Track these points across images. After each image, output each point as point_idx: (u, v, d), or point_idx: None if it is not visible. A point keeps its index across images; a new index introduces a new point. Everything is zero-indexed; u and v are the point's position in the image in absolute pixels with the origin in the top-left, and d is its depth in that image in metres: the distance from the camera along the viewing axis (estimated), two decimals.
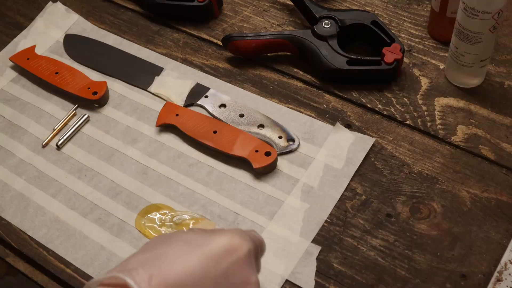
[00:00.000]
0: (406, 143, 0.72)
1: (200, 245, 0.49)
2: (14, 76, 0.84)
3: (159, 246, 0.50)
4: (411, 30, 0.83)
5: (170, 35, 0.87)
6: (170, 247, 0.49)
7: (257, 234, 0.55)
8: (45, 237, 0.68)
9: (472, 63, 0.73)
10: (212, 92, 0.79)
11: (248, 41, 0.80)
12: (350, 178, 0.69)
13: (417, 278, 0.62)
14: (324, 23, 0.79)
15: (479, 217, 0.66)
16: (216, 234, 0.51)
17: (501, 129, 0.73)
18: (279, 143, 0.73)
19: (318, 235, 0.66)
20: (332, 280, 0.63)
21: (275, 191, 0.69)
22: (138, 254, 0.50)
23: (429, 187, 0.68)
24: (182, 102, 0.78)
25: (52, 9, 0.90)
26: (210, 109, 0.77)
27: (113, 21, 0.90)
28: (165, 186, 0.71)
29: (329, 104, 0.77)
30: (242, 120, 0.75)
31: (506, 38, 0.81)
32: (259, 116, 0.76)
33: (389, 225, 0.66)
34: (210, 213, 0.68)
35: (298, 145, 0.73)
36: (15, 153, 0.76)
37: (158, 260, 0.47)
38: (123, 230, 0.68)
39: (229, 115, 0.76)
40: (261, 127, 0.75)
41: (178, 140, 0.75)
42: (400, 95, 0.77)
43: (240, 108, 0.77)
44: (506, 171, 0.69)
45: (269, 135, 0.74)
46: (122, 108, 0.79)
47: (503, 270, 0.61)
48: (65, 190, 0.72)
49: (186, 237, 0.51)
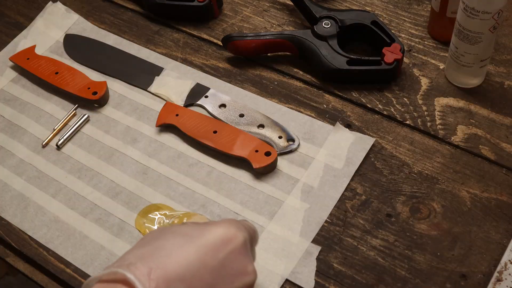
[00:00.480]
0: (406, 143, 0.72)
1: (196, 237, 0.50)
2: (14, 76, 0.84)
3: (155, 240, 0.50)
4: (411, 30, 0.83)
5: (170, 35, 0.87)
6: (166, 240, 0.49)
7: (250, 223, 0.56)
8: (45, 237, 0.68)
9: (472, 63, 0.73)
10: (212, 92, 0.79)
11: (248, 41, 0.80)
12: (350, 178, 0.69)
13: (417, 278, 0.62)
14: (324, 23, 0.79)
15: (479, 217, 0.66)
16: (212, 225, 0.51)
17: (501, 129, 0.73)
18: (279, 143, 0.73)
19: (318, 235, 0.66)
20: (332, 280, 0.63)
21: (275, 191, 0.69)
22: (135, 249, 0.50)
23: (429, 187, 0.68)
24: (182, 102, 0.78)
25: (52, 9, 0.90)
26: (210, 109, 0.77)
27: (113, 21, 0.90)
28: (165, 186, 0.71)
29: (329, 104, 0.77)
30: (242, 120, 0.75)
31: (506, 38, 0.81)
32: (259, 116, 0.76)
33: (389, 225, 0.66)
34: (210, 213, 0.68)
35: (298, 145, 0.73)
36: (15, 153, 0.76)
37: (156, 254, 0.48)
38: (123, 230, 0.68)
39: (229, 115, 0.76)
40: (261, 127, 0.75)
41: (178, 140, 0.75)
42: (400, 95, 0.77)
43: (240, 108, 0.77)
44: (506, 171, 0.69)
45: (269, 135, 0.74)
46: (122, 108, 0.79)
47: (503, 270, 0.61)
48: (65, 190, 0.72)
49: (181, 230, 0.51)
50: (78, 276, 0.65)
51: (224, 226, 0.51)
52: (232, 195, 0.70)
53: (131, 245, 0.66)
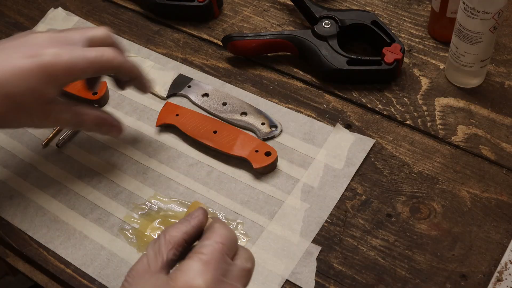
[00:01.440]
0: (406, 143, 0.72)
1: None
2: None
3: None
4: (411, 30, 0.83)
5: (170, 35, 0.87)
6: None
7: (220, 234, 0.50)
8: (45, 237, 0.68)
9: (472, 63, 0.73)
10: (195, 82, 0.80)
11: (248, 41, 0.80)
12: (350, 179, 0.69)
13: (417, 278, 0.62)
14: (324, 23, 0.79)
15: (479, 217, 0.66)
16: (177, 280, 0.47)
17: (501, 129, 0.73)
18: (262, 129, 0.74)
19: (318, 235, 0.66)
20: (332, 280, 0.63)
21: (275, 191, 0.69)
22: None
23: (429, 187, 0.68)
24: (166, 92, 0.79)
25: (54, 14, 0.91)
26: (194, 99, 0.78)
27: (113, 21, 0.90)
28: (165, 186, 0.71)
29: (329, 104, 0.77)
30: (225, 108, 0.76)
31: (506, 38, 0.81)
32: (241, 104, 0.77)
33: (389, 225, 0.66)
34: (210, 213, 0.68)
35: (281, 131, 0.74)
36: (15, 153, 0.76)
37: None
38: (123, 230, 0.68)
39: (212, 104, 0.77)
40: (244, 114, 0.76)
41: (178, 140, 0.75)
42: (400, 95, 0.77)
43: (223, 96, 0.77)
44: (506, 171, 0.69)
45: (252, 122, 0.75)
46: (122, 108, 0.79)
47: (503, 270, 0.61)
48: (65, 190, 0.72)
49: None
50: (78, 276, 0.65)
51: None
52: (232, 195, 0.70)
53: (131, 245, 0.66)
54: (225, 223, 0.54)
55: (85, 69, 0.62)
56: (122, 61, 0.65)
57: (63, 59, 0.61)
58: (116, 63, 0.64)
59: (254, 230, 0.67)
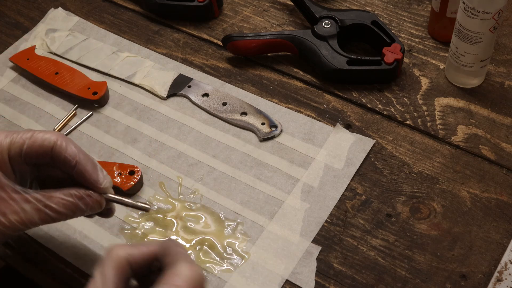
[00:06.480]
0: (406, 143, 0.72)
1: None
2: (14, 76, 0.84)
3: None
4: (411, 30, 0.83)
5: (170, 35, 0.87)
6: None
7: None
8: (45, 237, 0.68)
9: (472, 63, 0.73)
10: (195, 82, 0.80)
11: (248, 41, 0.80)
12: (350, 179, 0.69)
13: (417, 278, 0.62)
14: (324, 23, 0.79)
15: (479, 217, 0.66)
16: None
17: (501, 129, 0.73)
18: (262, 129, 0.74)
19: (318, 235, 0.66)
20: (332, 280, 0.63)
21: (275, 191, 0.69)
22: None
23: (429, 187, 0.68)
24: (166, 92, 0.79)
25: (54, 14, 0.91)
26: (194, 99, 0.78)
27: (113, 21, 0.90)
28: (165, 186, 0.71)
29: (329, 104, 0.77)
30: (225, 108, 0.76)
31: (506, 38, 0.82)
32: (241, 104, 0.77)
33: (389, 225, 0.66)
34: (211, 213, 0.68)
35: (281, 131, 0.74)
36: None
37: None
38: (123, 230, 0.68)
39: (212, 103, 0.77)
40: (244, 114, 0.76)
41: (178, 139, 0.75)
42: (400, 95, 0.77)
43: (223, 96, 0.78)
44: (506, 171, 0.69)
45: (252, 122, 0.75)
46: (122, 108, 0.79)
47: (503, 270, 0.61)
48: None
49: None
50: (78, 276, 0.65)
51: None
52: (232, 195, 0.70)
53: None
54: (193, 261, 0.48)
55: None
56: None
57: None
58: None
59: (254, 230, 0.67)
